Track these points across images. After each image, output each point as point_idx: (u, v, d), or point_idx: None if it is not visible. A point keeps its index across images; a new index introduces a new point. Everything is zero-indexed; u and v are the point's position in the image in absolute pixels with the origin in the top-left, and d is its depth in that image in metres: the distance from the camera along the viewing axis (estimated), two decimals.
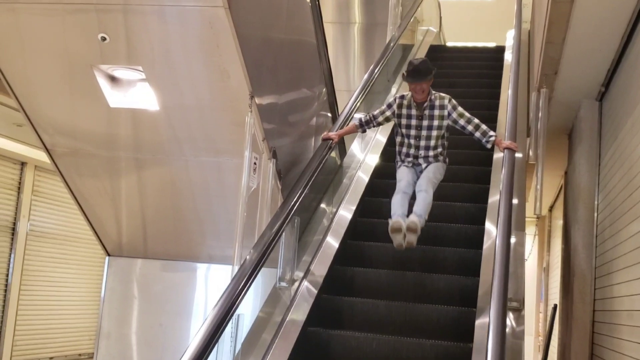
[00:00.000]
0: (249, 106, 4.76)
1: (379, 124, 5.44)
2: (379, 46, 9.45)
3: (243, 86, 4.69)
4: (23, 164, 12.50)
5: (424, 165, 5.13)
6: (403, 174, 5.14)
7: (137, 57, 4.77)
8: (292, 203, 4.86)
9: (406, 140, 5.18)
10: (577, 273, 5.89)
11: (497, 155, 6.13)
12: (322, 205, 6.25)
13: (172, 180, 5.70)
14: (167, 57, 4.75)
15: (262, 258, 4.26)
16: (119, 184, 5.83)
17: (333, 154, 6.59)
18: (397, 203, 4.92)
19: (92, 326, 14.57)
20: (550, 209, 11.21)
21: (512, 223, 4.99)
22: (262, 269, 4.59)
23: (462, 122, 5.03)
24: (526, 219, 11.37)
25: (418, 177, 5.11)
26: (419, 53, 10.55)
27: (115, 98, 5.12)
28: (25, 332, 12.58)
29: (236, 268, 4.31)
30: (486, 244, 5.14)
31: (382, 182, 6.64)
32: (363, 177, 6.67)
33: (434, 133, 5.10)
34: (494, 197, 5.51)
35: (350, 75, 10.45)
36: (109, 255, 6.32)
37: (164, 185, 5.78)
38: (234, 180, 5.25)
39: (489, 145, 4.99)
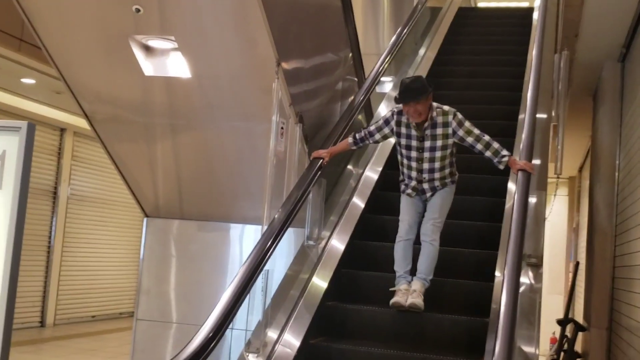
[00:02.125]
0: (276, 73, 4.94)
1: (376, 142, 4.96)
2: (408, 9, 9.52)
3: (270, 53, 4.88)
4: (62, 130, 12.89)
5: (428, 195, 4.63)
6: (405, 210, 4.67)
7: (170, 27, 4.98)
8: (319, 165, 5.08)
9: (407, 162, 4.66)
10: (598, 231, 6.05)
11: (521, 117, 6.24)
12: (349, 167, 6.45)
13: (204, 145, 5.94)
14: (198, 27, 4.95)
15: (289, 217, 4.50)
16: (155, 149, 6.09)
17: (360, 116, 6.76)
18: (400, 255, 4.54)
19: (132, 286, 15.08)
20: (580, 169, 11.27)
21: (533, 183, 5.17)
22: (292, 229, 4.85)
23: (470, 140, 4.45)
24: (558, 181, 11.46)
25: (422, 209, 4.68)
26: (448, 15, 10.58)
27: (149, 67, 5.35)
28: (68, 292, 13.07)
29: (265, 227, 4.54)
30: (508, 203, 5.31)
31: None
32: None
33: (438, 154, 4.53)
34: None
35: (379, 39, 10.52)
36: (147, 216, 6.62)
37: (198, 150, 6.02)
38: (263, 144, 5.46)
39: (501, 167, 4.44)
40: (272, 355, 4.31)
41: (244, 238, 6.67)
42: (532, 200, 5.07)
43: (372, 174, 6.23)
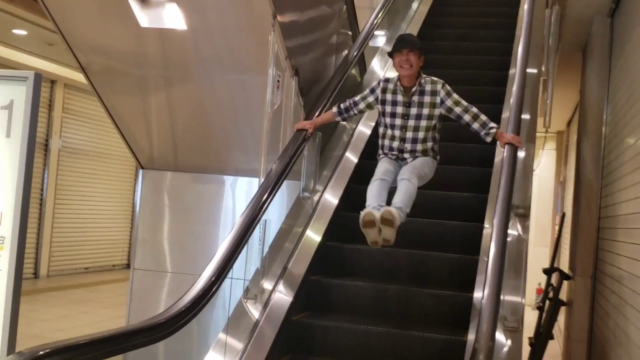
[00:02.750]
0: (272, 25, 4.99)
1: (361, 112, 4.76)
2: None
3: (266, 6, 4.92)
4: (53, 82, 12.85)
5: (409, 160, 4.42)
6: (382, 163, 4.46)
7: None
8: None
9: (389, 132, 4.45)
10: (584, 183, 6.21)
11: (511, 72, 6.33)
12: (342, 122, 6.54)
13: (199, 98, 6.01)
14: None
15: (285, 169, 4.62)
16: (150, 101, 6.16)
17: (354, 70, 6.83)
18: (373, 192, 4.23)
19: (124, 238, 15.22)
20: (568, 124, 11.40)
21: (522, 136, 5.29)
22: (288, 181, 4.96)
23: (457, 110, 4.31)
24: (546, 135, 11.55)
25: (399, 169, 4.43)
26: None
27: (144, 18, 5.38)
28: (61, 244, 13.19)
29: (262, 179, 4.65)
30: (497, 157, 5.43)
31: None
32: None
33: (423, 123, 4.37)
34: (505, 114, 5.75)
35: None
36: (142, 168, 6.72)
37: (192, 103, 6.09)
38: (258, 98, 5.53)
39: (488, 139, 4.30)
40: (269, 301, 4.45)
41: (238, 190, 6.79)
42: (521, 153, 5.20)
43: (365, 128, 6.33)
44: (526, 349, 6.95)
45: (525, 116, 5.55)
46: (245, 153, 6.47)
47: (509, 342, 3.94)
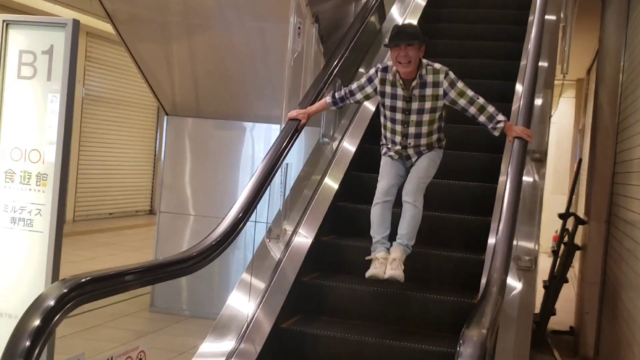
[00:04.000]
0: None
1: (357, 102, 4.52)
2: None
3: None
4: None
5: (414, 159, 4.17)
6: (385, 171, 4.19)
7: None
8: (334, 65, 5.27)
9: (390, 125, 4.17)
10: (601, 129, 6.30)
11: (530, 18, 6.36)
12: (361, 70, 6.63)
13: (219, 45, 6.14)
14: None
15: None
16: (172, 49, 6.30)
17: (373, 18, 6.89)
18: (377, 219, 4.05)
19: (147, 185, 15.50)
20: (588, 72, 11.37)
21: (540, 82, 5.38)
22: (307, 127, 5.08)
23: (462, 103, 3.99)
24: (563, 82, 11.58)
25: (405, 173, 4.21)
26: None
27: None
28: (86, 189, 13.45)
29: (283, 125, 4.79)
30: (514, 105, 5.51)
31: None
32: None
33: (426, 117, 4.06)
34: (523, 61, 5.81)
35: None
36: (167, 114, 6.89)
37: (213, 50, 6.22)
38: (277, 45, 5.64)
39: (496, 133, 4.02)
40: (290, 242, 4.63)
41: (258, 136, 6.96)
42: (538, 98, 5.29)
43: None
44: (540, 292, 7.15)
45: (544, 63, 5.62)
46: (265, 100, 6.62)
47: (522, 281, 4.07)
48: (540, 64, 5.22)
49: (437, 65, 4.04)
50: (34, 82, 2.88)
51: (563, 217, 7.08)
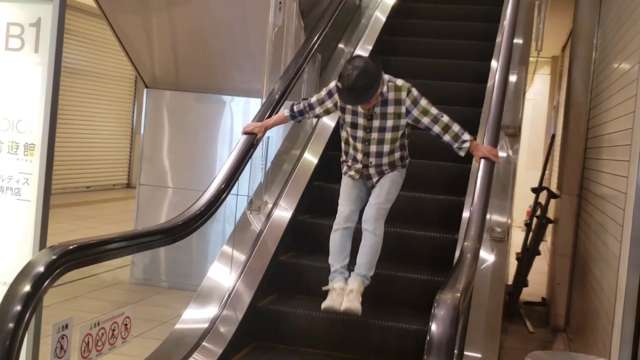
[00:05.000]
0: None
1: (317, 117, 4.34)
2: None
3: None
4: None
5: (375, 179, 3.97)
6: (346, 193, 3.99)
7: None
8: (314, 40, 5.34)
9: (352, 142, 3.95)
10: (574, 105, 6.45)
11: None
12: (341, 45, 6.71)
13: (198, 17, 6.16)
14: None
15: (287, 88, 4.82)
16: (152, 20, 6.32)
17: None
18: (336, 246, 3.85)
19: (124, 159, 15.49)
20: (563, 49, 11.52)
21: (515, 58, 5.50)
22: (288, 102, 5.15)
23: (425, 121, 3.80)
24: (539, 60, 11.70)
25: (366, 194, 4.02)
26: None
27: None
28: (63, 163, 13.39)
29: (264, 99, 4.86)
30: (489, 82, 5.62)
31: (399, 21, 7.06)
32: (380, 17, 7.06)
33: (388, 136, 3.86)
34: (499, 38, 5.91)
35: None
36: (147, 87, 6.92)
37: (192, 22, 6.25)
38: (256, 19, 5.68)
39: (462, 153, 3.82)
40: (270, 215, 4.72)
41: (238, 109, 7.02)
42: (513, 74, 5.41)
43: (363, 52, 6.48)
44: (514, 264, 7.33)
45: (519, 40, 5.74)
46: (245, 73, 6.67)
47: (495, 251, 4.21)
48: (515, 40, 5.34)
49: (400, 82, 3.83)
50: (22, 54, 2.94)
51: (536, 191, 7.25)
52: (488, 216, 4.02)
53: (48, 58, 2.85)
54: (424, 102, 3.81)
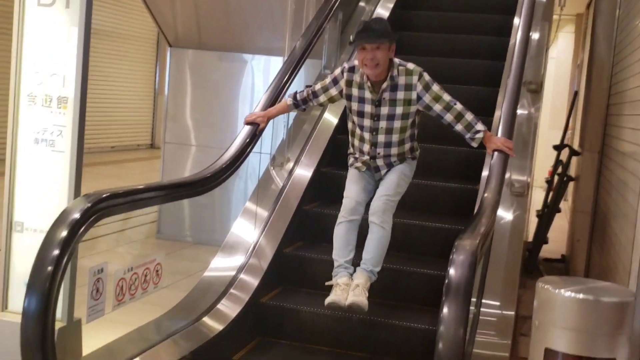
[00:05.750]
0: None
1: (321, 105, 4.05)
2: None
3: None
4: None
5: (383, 172, 3.74)
6: (352, 185, 3.75)
7: None
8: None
9: (358, 132, 3.73)
10: (597, 61, 6.44)
11: None
12: (362, 4, 6.69)
13: None
14: None
15: (309, 45, 4.87)
16: None
17: None
18: (341, 241, 3.62)
19: (148, 119, 15.64)
20: (588, 6, 11.40)
21: (538, 14, 5.49)
22: (309, 61, 5.19)
23: (437, 109, 3.58)
24: (563, 17, 11.58)
25: (373, 187, 3.78)
26: None
27: None
28: (88, 123, 13.48)
29: (286, 57, 4.91)
30: (512, 40, 5.61)
31: None
32: None
33: (397, 124, 3.63)
34: None
35: None
36: (170, 46, 7.01)
37: None
38: None
39: (474, 144, 3.59)
40: (293, 171, 4.80)
41: (259, 68, 7.10)
42: (535, 30, 5.41)
43: (384, 11, 6.48)
44: (533, 223, 7.40)
45: None
46: (265, 32, 6.73)
47: (515, 206, 4.27)
48: None
49: (411, 66, 3.62)
50: (53, 10, 3.02)
51: (558, 148, 7.27)
52: (507, 174, 4.04)
53: (79, 13, 2.94)
54: (436, 87, 3.59)
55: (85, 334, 3.37)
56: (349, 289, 3.46)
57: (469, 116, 3.57)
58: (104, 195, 2.73)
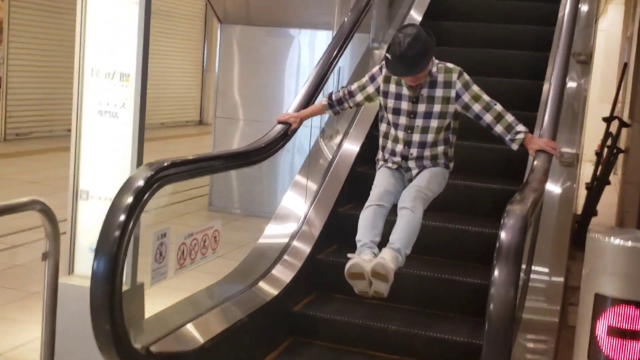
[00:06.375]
0: None
1: (358, 105, 3.84)
2: None
3: None
4: None
5: (414, 172, 3.54)
6: (381, 179, 3.56)
7: None
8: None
9: (393, 132, 3.57)
10: None
11: None
12: None
13: None
14: None
15: (358, 19, 4.93)
16: None
17: None
18: (367, 222, 3.39)
19: (196, 95, 15.87)
20: None
21: None
22: (359, 35, 5.24)
23: (476, 109, 3.43)
24: None
25: (403, 184, 3.58)
26: None
27: None
28: None
29: (335, 31, 4.98)
30: (560, 12, 5.58)
31: None
32: None
33: (434, 124, 3.49)
34: None
35: None
36: (221, 22, 7.14)
37: None
38: None
39: (514, 146, 3.40)
40: (341, 145, 4.88)
41: (305, 43, 7.19)
42: (584, 3, 5.37)
43: None
44: (582, 196, 7.37)
45: None
46: (311, 7, 6.81)
47: (564, 176, 4.29)
48: None
49: (450, 65, 3.50)
50: None
51: (607, 120, 7.22)
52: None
53: None
54: (476, 87, 3.46)
55: (146, 300, 3.53)
56: (372, 263, 3.18)
57: (509, 117, 3.40)
58: (166, 164, 2.85)
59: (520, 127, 3.37)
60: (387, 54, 3.31)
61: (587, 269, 2.22)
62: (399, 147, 3.53)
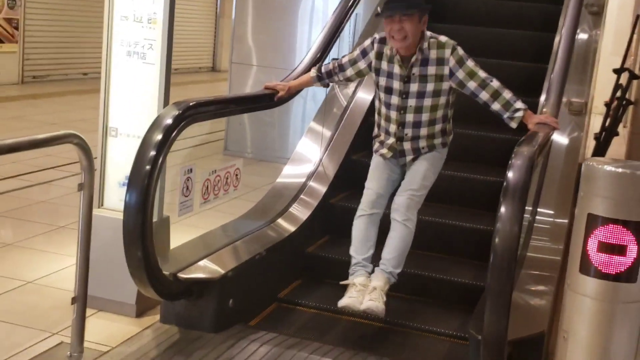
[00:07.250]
0: None
1: (348, 80, 3.67)
2: None
3: None
4: None
5: (409, 158, 3.45)
6: (375, 174, 3.50)
7: None
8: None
9: (385, 111, 3.44)
10: None
11: None
12: None
13: None
14: None
15: None
16: None
17: None
18: (360, 235, 3.40)
19: (209, 42, 15.91)
20: None
21: None
22: None
23: (472, 86, 3.28)
24: None
25: (398, 177, 3.52)
26: None
27: None
28: None
29: None
30: None
31: None
32: None
33: (428, 102, 3.34)
34: None
35: None
36: None
37: None
38: None
39: (513, 124, 3.26)
40: (355, 93, 4.98)
41: None
42: None
43: None
44: (590, 149, 7.46)
45: None
46: None
47: (573, 124, 4.39)
48: None
49: (443, 38, 3.33)
50: None
51: (617, 72, 7.29)
52: (565, 98, 4.12)
53: None
54: (471, 63, 3.28)
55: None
56: (365, 290, 3.24)
57: (507, 94, 3.25)
58: (192, 104, 3.02)
59: (519, 104, 3.23)
60: (384, 1, 3.25)
61: (582, 192, 2.45)
62: (393, 127, 3.41)
